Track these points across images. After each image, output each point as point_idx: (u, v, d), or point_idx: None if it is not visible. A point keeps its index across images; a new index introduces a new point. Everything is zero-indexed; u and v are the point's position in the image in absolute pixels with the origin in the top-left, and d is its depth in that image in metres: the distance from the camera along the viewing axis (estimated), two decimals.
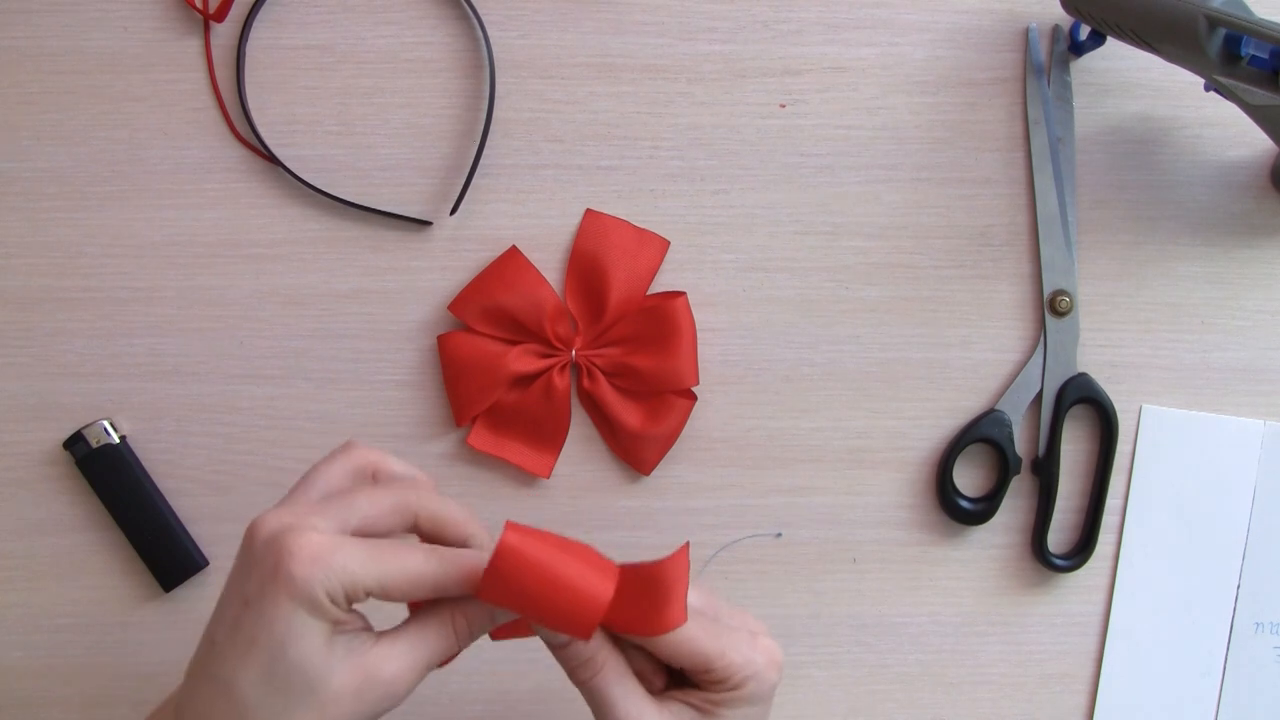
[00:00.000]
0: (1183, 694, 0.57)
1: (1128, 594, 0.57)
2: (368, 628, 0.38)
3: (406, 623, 0.39)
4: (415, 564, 0.37)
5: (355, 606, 0.37)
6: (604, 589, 0.37)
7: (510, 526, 0.37)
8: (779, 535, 0.56)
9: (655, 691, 0.42)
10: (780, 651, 0.42)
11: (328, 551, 0.36)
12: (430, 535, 0.40)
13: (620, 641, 0.41)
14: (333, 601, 0.36)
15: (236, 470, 0.56)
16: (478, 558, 0.38)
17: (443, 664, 0.40)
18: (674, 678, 0.43)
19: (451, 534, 0.40)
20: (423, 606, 0.39)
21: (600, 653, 0.40)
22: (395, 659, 0.38)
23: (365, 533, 0.38)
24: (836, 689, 0.57)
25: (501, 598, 0.37)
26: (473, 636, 0.39)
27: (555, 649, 0.40)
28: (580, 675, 0.40)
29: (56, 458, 0.55)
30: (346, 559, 0.36)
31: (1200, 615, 0.57)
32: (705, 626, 0.40)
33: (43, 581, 0.56)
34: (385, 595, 0.37)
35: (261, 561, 0.36)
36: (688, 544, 0.39)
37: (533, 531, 0.37)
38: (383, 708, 0.37)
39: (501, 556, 0.36)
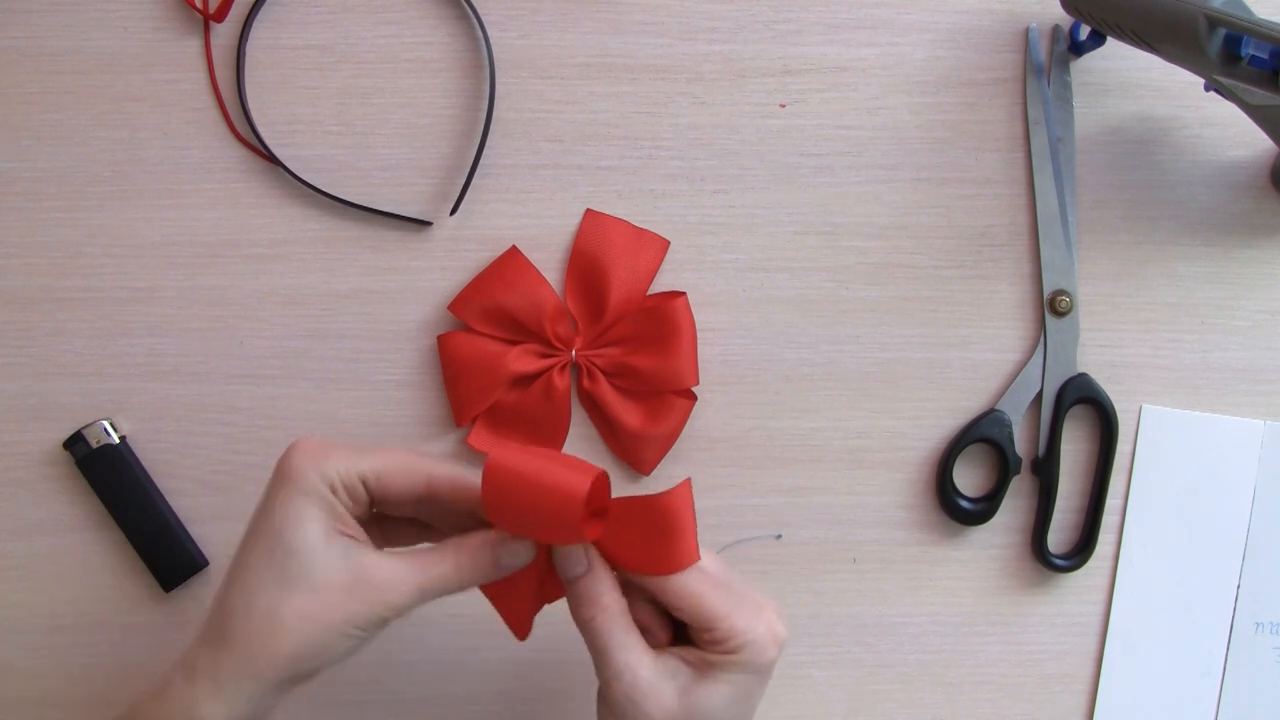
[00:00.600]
0: (1183, 694, 0.57)
1: (1128, 594, 0.57)
2: (371, 544, 0.41)
3: (416, 548, 0.42)
4: (406, 456, 0.42)
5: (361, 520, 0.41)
6: (581, 483, 0.39)
7: (496, 447, 0.41)
8: (779, 536, 0.56)
9: (658, 646, 0.43)
10: (784, 630, 0.43)
11: (324, 446, 0.41)
12: (442, 497, 0.43)
13: (631, 594, 0.43)
14: (329, 487, 0.39)
15: (236, 470, 0.56)
16: (473, 475, 0.42)
17: (525, 629, 0.44)
18: (677, 639, 0.44)
19: (465, 495, 0.43)
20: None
21: (606, 595, 0.42)
22: (390, 568, 0.40)
23: (380, 477, 0.41)
24: (836, 689, 0.57)
25: (496, 511, 0.40)
26: (475, 576, 0.41)
27: (570, 584, 0.42)
28: (584, 613, 0.42)
29: (56, 458, 0.55)
30: (343, 450, 0.41)
31: (1200, 615, 0.57)
32: (716, 587, 0.42)
33: (43, 581, 0.56)
34: (380, 486, 0.41)
35: (274, 472, 0.41)
36: (689, 479, 0.41)
37: (517, 448, 0.41)
38: (376, 614, 0.40)
39: (490, 470, 0.39)
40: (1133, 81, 0.56)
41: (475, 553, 0.41)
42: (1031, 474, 0.56)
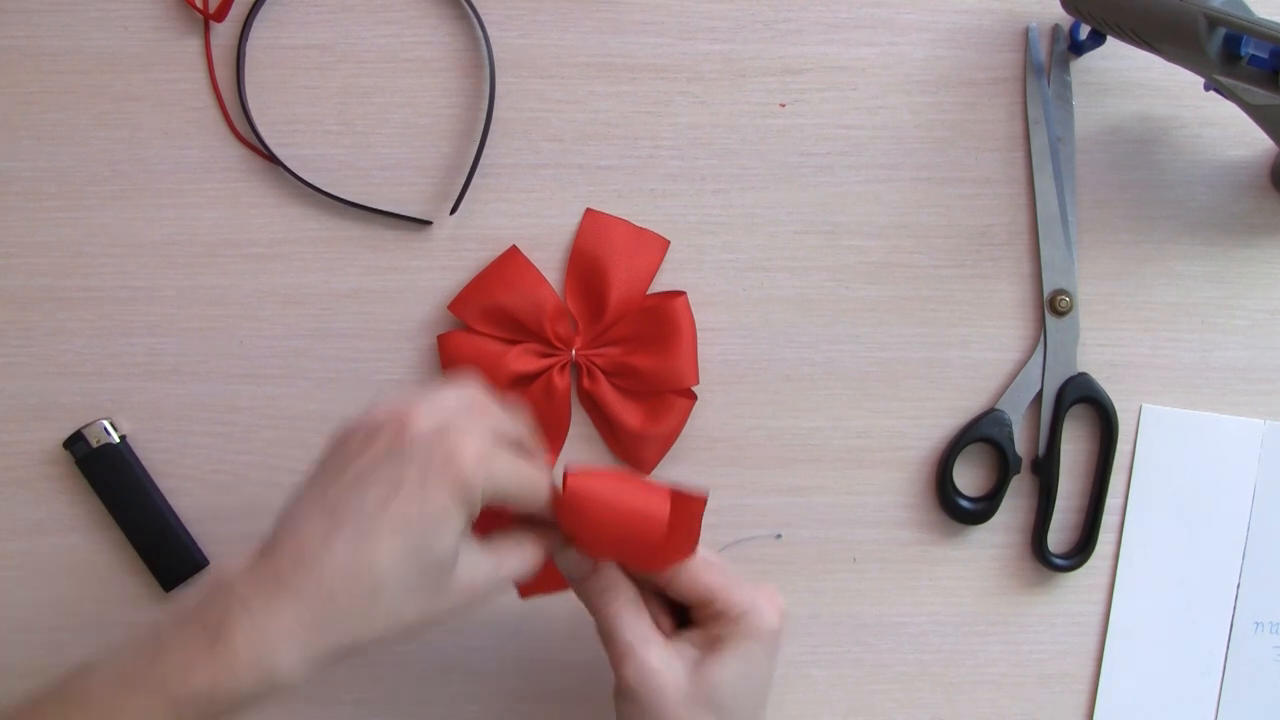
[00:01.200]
0: (1183, 694, 0.57)
1: (1128, 594, 0.57)
2: (474, 539, 0.42)
3: (495, 538, 0.42)
4: (541, 484, 0.42)
5: None
6: (661, 508, 0.42)
7: (570, 473, 0.42)
8: (779, 536, 0.56)
9: (665, 634, 0.45)
10: (783, 599, 0.45)
11: (489, 457, 0.40)
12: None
13: (635, 585, 0.45)
14: (478, 502, 0.39)
15: (236, 470, 0.56)
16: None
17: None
18: (681, 625, 0.46)
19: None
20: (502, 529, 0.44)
21: (618, 584, 0.44)
22: (482, 566, 0.41)
23: (510, 500, 0.42)
24: (836, 689, 0.57)
25: (577, 530, 0.43)
26: (534, 568, 0.43)
27: (576, 584, 0.44)
28: (597, 603, 0.44)
29: (56, 458, 0.55)
30: (500, 467, 0.40)
31: (1200, 615, 0.57)
32: (711, 566, 0.44)
33: (43, 581, 0.56)
34: (513, 503, 0.41)
35: (428, 453, 0.39)
36: (706, 494, 0.44)
37: (592, 473, 0.43)
38: (464, 613, 0.41)
39: (569, 496, 0.42)
40: (1133, 81, 0.56)
41: (547, 553, 0.43)
42: (1031, 474, 0.56)
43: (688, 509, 0.44)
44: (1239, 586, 0.57)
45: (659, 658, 0.43)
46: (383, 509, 0.38)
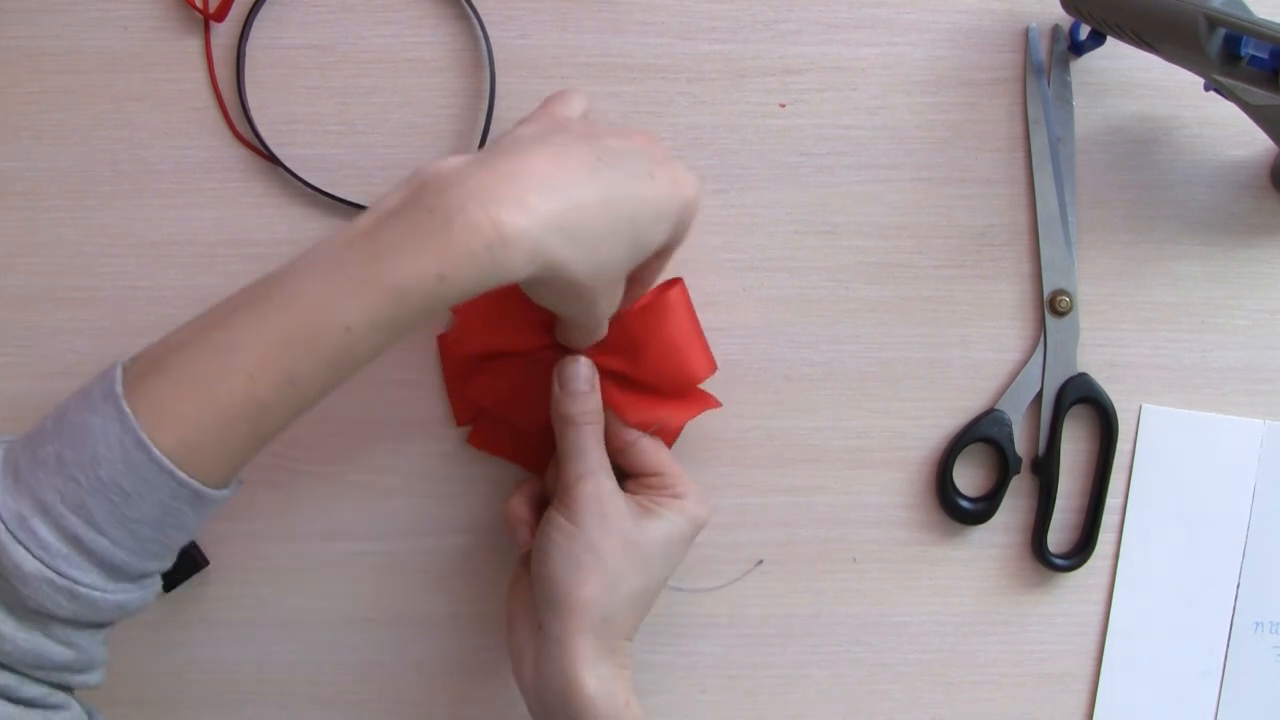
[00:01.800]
0: (1183, 694, 0.57)
1: (1128, 594, 0.57)
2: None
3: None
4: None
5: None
6: (705, 371, 0.51)
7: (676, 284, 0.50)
8: (760, 563, 0.57)
9: None
10: (709, 510, 0.50)
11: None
12: None
13: None
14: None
15: None
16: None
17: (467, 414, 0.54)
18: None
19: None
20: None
21: (599, 410, 0.48)
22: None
23: None
24: (836, 688, 0.57)
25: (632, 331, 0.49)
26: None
27: (570, 393, 0.48)
28: (579, 419, 0.47)
29: None
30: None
31: (1200, 615, 0.57)
32: (663, 448, 0.50)
33: None
34: (658, 258, 0.46)
35: (675, 167, 0.44)
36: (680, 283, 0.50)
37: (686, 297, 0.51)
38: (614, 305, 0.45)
39: (672, 296, 0.50)
40: (1133, 81, 0.56)
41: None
42: (1031, 474, 0.56)
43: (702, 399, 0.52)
44: (1239, 586, 0.57)
45: (613, 489, 0.47)
46: (650, 173, 0.41)
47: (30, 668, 0.39)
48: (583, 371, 0.48)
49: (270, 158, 0.54)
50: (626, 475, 0.50)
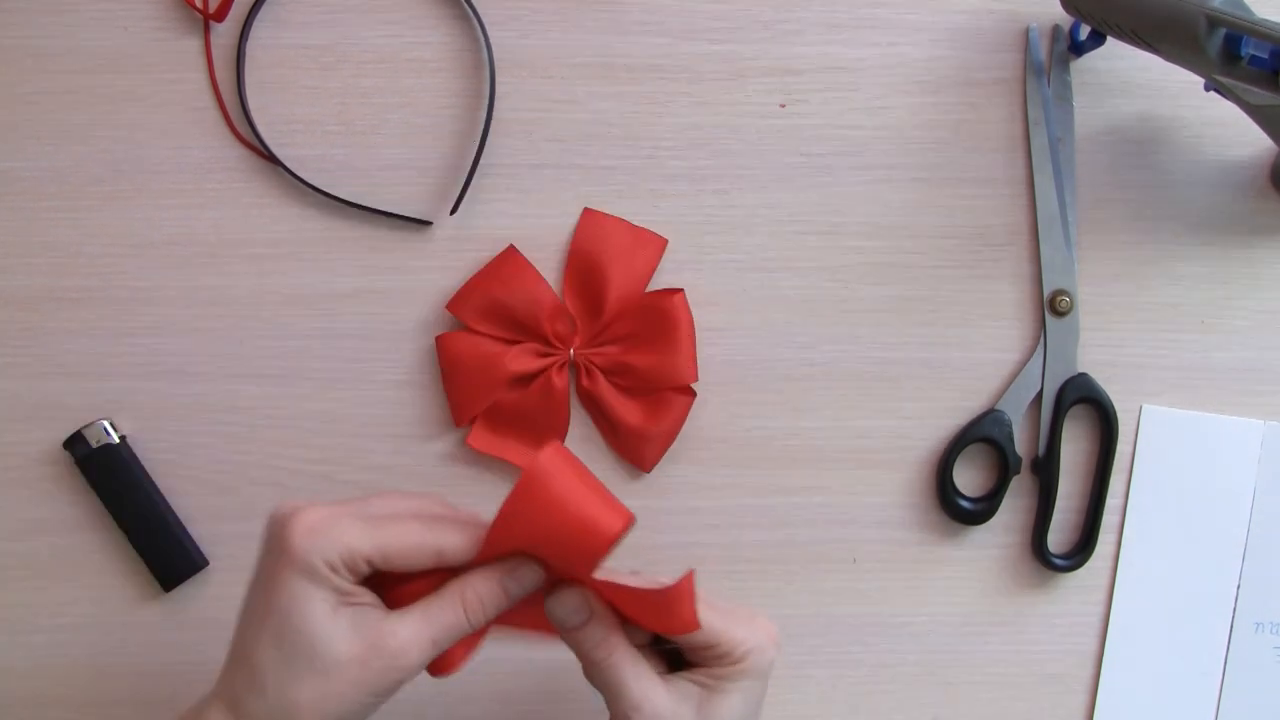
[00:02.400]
0: (1183, 694, 0.57)
1: (1128, 594, 0.57)
2: (379, 605, 0.40)
3: (417, 601, 0.40)
4: (414, 531, 0.40)
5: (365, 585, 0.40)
6: (615, 526, 0.39)
7: (544, 448, 0.40)
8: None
9: (657, 673, 0.43)
10: (776, 629, 0.43)
11: (325, 523, 0.39)
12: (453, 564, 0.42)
13: (625, 625, 0.43)
14: (332, 570, 0.38)
15: (237, 470, 0.56)
16: (480, 524, 0.40)
17: (450, 665, 0.42)
18: (672, 661, 0.44)
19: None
20: (434, 585, 0.41)
21: (613, 635, 0.42)
22: (402, 630, 0.39)
23: (385, 558, 0.40)
24: (836, 689, 0.57)
25: (512, 536, 0.39)
26: (484, 613, 0.41)
27: (569, 632, 0.42)
28: (595, 655, 0.42)
29: (56, 458, 0.55)
30: (343, 530, 0.39)
31: (1200, 615, 0.57)
32: (709, 608, 0.42)
33: (43, 581, 0.56)
34: (387, 564, 0.39)
35: (270, 540, 0.40)
36: (693, 572, 0.40)
37: (565, 456, 0.40)
38: (392, 679, 0.39)
39: (532, 476, 0.39)
40: (1133, 81, 0.56)
41: (482, 591, 0.41)
42: (1031, 474, 0.56)
43: (667, 602, 0.41)
44: (1239, 587, 0.57)
45: (667, 705, 0.42)
46: (250, 609, 0.40)
47: None
48: (573, 602, 0.42)
49: (270, 158, 0.54)
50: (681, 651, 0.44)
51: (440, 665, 0.42)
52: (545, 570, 0.41)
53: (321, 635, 0.38)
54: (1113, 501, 0.56)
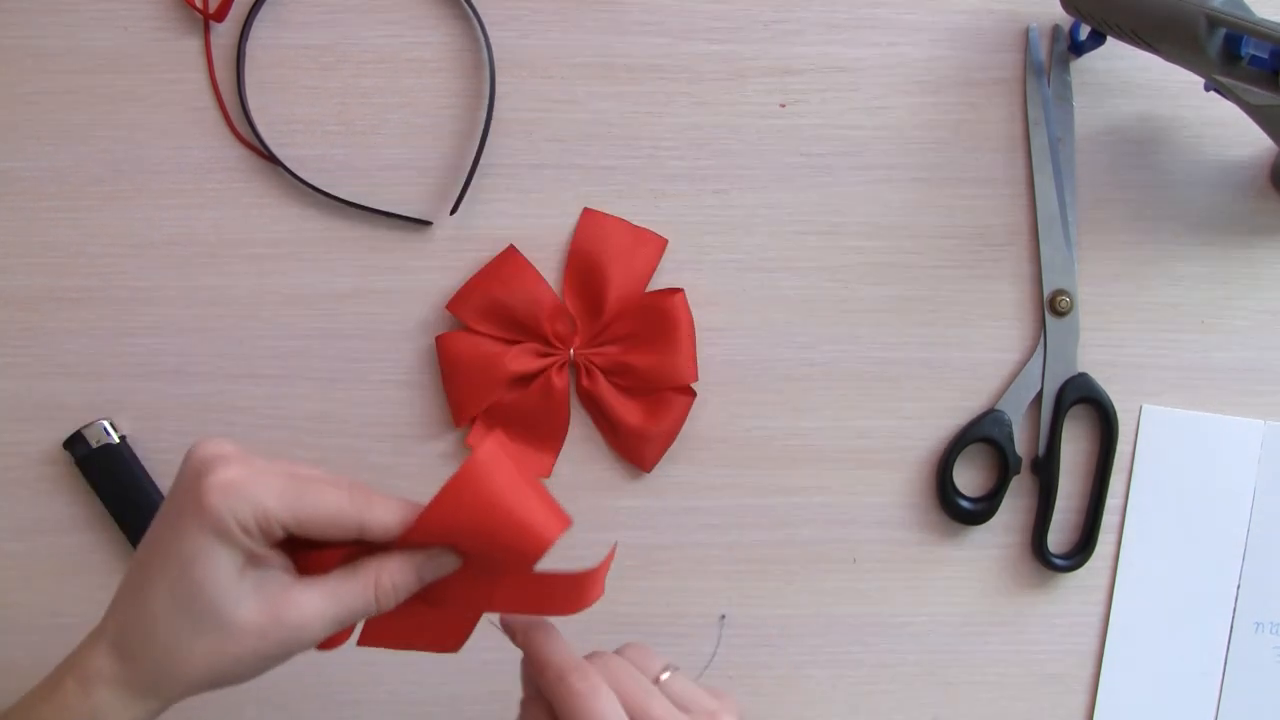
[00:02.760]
0: (1183, 694, 0.57)
1: (1128, 594, 0.57)
2: (290, 571, 0.38)
3: (330, 572, 0.38)
4: (336, 500, 0.37)
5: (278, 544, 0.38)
6: (553, 531, 0.37)
7: (486, 441, 0.38)
8: (723, 617, 0.57)
9: None
10: (741, 708, 0.41)
11: (243, 482, 0.36)
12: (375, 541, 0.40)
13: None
14: (244, 531, 0.36)
15: None
16: (409, 505, 0.38)
17: (338, 642, 0.40)
18: None
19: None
20: (348, 562, 0.39)
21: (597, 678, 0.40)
22: (307, 604, 0.37)
23: (301, 524, 0.37)
24: (836, 689, 0.57)
25: (444, 526, 0.37)
26: (394, 598, 0.39)
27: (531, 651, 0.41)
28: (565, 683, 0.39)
29: (56, 458, 0.55)
30: (262, 491, 0.36)
31: (1200, 615, 0.57)
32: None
33: (43, 581, 0.56)
34: (301, 531, 0.37)
35: (184, 483, 0.37)
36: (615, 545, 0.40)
37: (508, 452, 0.38)
38: (287, 650, 0.38)
39: (471, 470, 0.37)
40: (1133, 81, 0.56)
41: (396, 577, 0.39)
42: (1031, 474, 0.56)
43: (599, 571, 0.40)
44: (1239, 587, 0.57)
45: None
46: (151, 547, 0.38)
47: None
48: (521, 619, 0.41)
49: (270, 158, 0.54)
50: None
51: (330, 641, 0.40)
52: (466, 563, 0.39)
53: (223, 596, 0.36)
54: (1113, 501, 0.56)
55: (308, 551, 0.39)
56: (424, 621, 0.41)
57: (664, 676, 0.41)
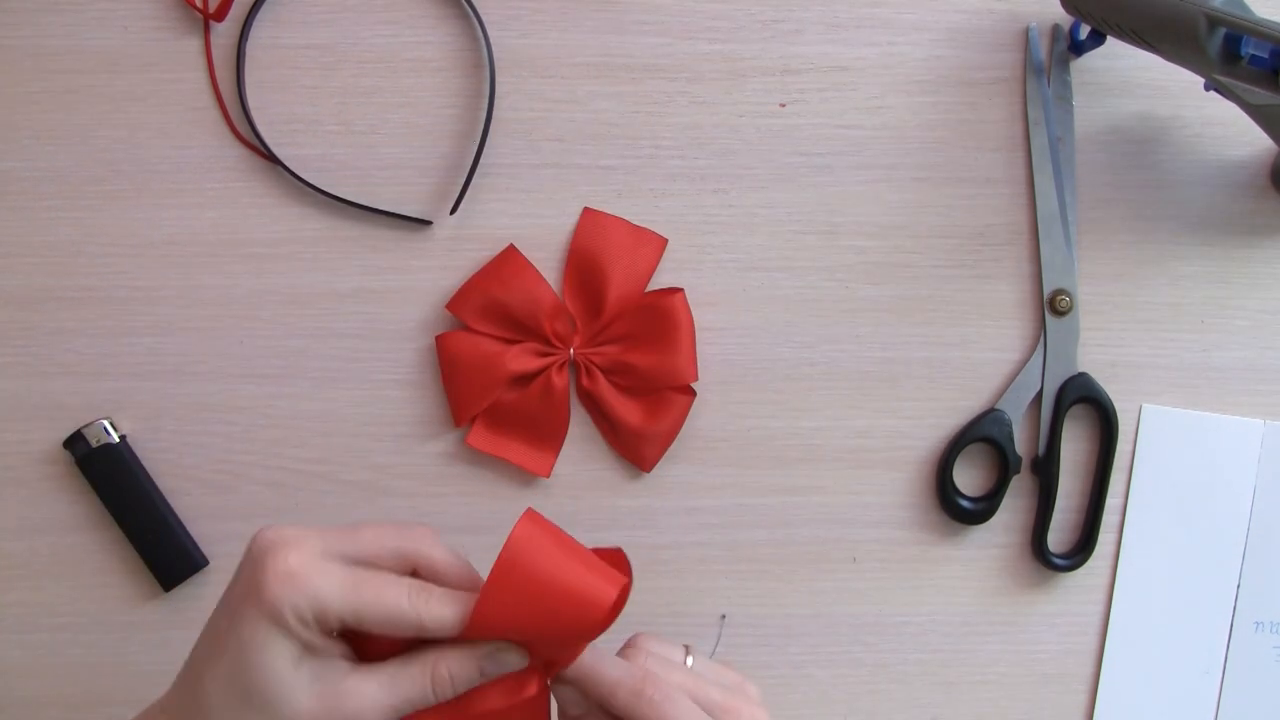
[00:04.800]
0: (1183, 694, 0.57)
1: (1128, 594, 0.57)
2: (348, 657, 0.38)
3: (388, 660, 0.38)
4: (395, 599, 0.37)
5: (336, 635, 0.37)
6: (609, 594, 0.37)
7: (521, 521, 0.37)
8: (723, 617, 0.57)
9: None
10: (765, 714, 0.42)
11: (303, 574, 0.36)
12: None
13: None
14: (301, 623, 0.36)
15: (236, 470, 0.56)
16: (469, 599, 0.37)
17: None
18: None
19: (449, 584, 0.39)
20: (409, 648, 0.38)
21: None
22: (364, 694, 0.37)
23: (360, 621, 0.37)
24: (836, 689, 0.57)
25: (500, 615, 0.36)
26: (451, 691, 0.38)
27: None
28: None
29: (56, 457, 0.55)
30: (321, 584, 0.36)
31: (1200, 615, 0.57)
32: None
33: (43, 581, 0.56)
34: (360, 626, 0.37)
35: (247, 568, 0.37)
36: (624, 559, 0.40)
37: (543, 527, 0.37)
38: None
39: (512, 552, 0.36)
40: (1133, 81, 0.56)
41: (455, 669, 0.38)
42: (1031, 473, 0.56)
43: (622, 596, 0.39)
44: (1239, 586, 0.57)
45: None
46: (212, 635, 0.38)
47: None
48: (568, 696, 0.40)
49: (270, 158, 0.54)
50: None
51: None
52: (532, 652, 0.38)
53: (279, 687, 0.36)
54: (1113, 501, 0.56)
55: (366, 637, 0.38)
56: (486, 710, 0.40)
57: (689, 662, 0.42)
